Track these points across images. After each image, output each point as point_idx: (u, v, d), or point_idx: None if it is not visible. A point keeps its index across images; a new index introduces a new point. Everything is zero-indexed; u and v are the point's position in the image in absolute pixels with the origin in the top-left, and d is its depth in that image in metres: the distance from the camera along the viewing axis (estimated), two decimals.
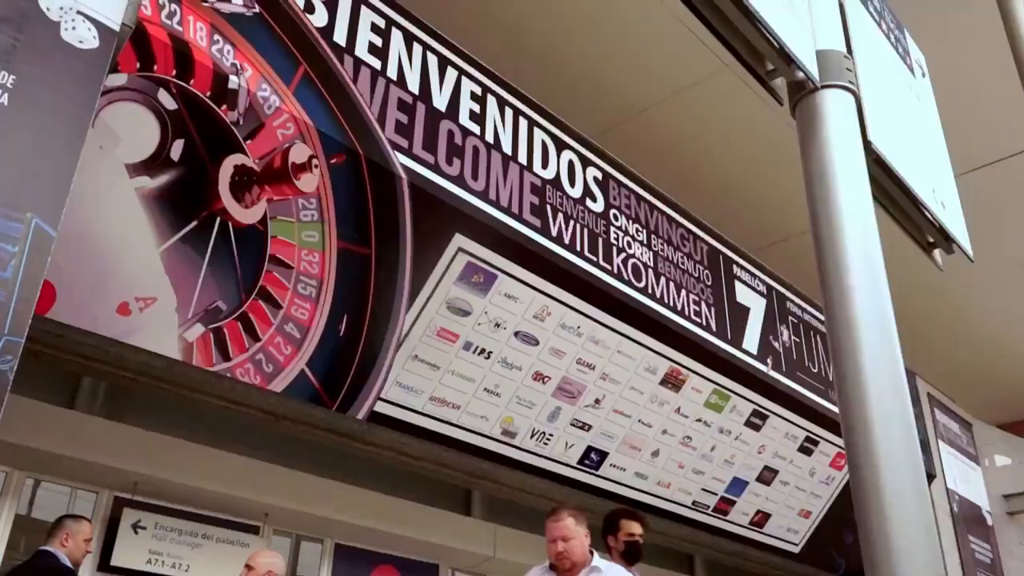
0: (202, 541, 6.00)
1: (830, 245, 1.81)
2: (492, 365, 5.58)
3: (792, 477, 8.06)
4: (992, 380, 12.40)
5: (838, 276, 1.80)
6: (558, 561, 3.34)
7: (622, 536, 4.18)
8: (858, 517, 1.77)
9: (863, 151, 1.89)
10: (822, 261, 1.82)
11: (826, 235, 1.81)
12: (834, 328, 1.83)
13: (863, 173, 1.85)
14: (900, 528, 1.71)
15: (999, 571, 10.30)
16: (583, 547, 3.35)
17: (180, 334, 4.09)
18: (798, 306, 7.94)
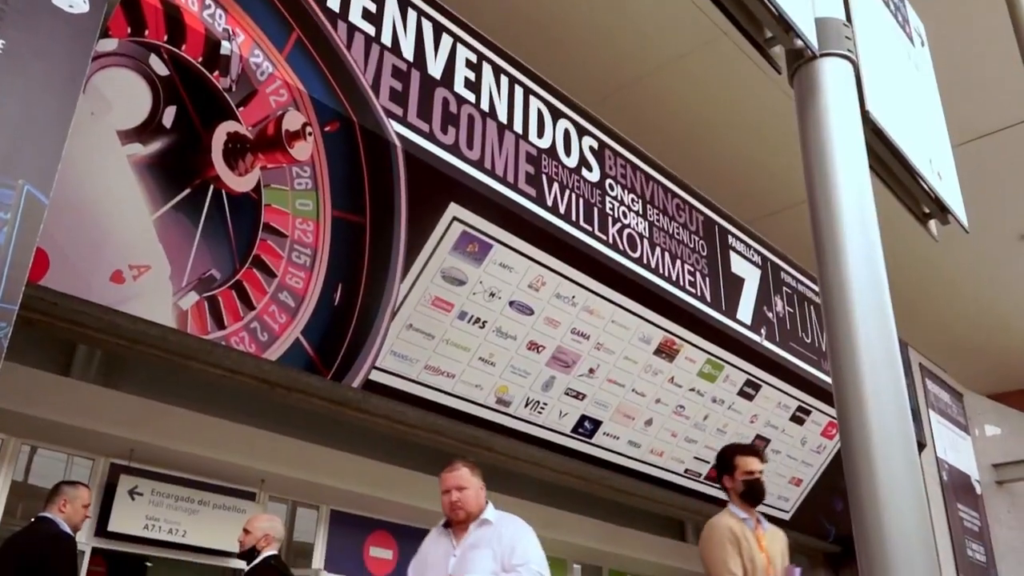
0: (199, 507, 6.05)
1: (826, 215, 1.80)
2: (487, 334, 5.59)
3: (784, 446, 8.14)
4: (984, 351, 12.48)
5: (833, 246, 1.80)
6: (452, 511, 3.26)
7: (739, 475, 3.81)
8: (849, 485, 1.78)
9: (861, 121, 1.88)
10: (818, 231, 1.82)
11: (822, 205, 1.81)
12: (828, 298, 1.84)
13: (860, 143, 1.84)
14: (890, 496, 1.73)
15: (987, 539, 10.46)
16: (478, 498, 3.30)
17: (174, 302, 4.09)
18: (792, 277, 7.96)
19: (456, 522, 3.26)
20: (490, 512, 3.30)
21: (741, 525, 3.55)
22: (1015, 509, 11.28)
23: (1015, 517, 11.20)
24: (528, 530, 3.28)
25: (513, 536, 3.15)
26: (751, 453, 3.87)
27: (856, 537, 1.75)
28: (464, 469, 3.37)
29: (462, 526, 3.22)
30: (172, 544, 5.88)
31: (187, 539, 5.89)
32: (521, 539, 3.15)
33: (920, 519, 1.74)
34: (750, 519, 3.65)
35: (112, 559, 8.68)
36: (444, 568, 3.12)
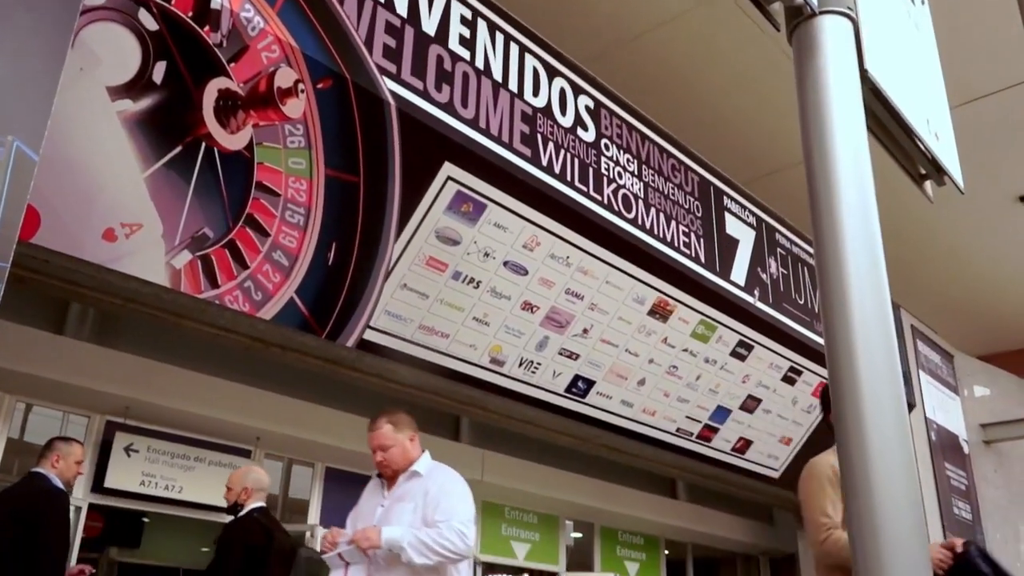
0: (194, 464, 6.10)
1: (822, 175, 1.80)
2: (481, 294, 5.59)
3: (775, 405, 8.22)
4: (976, 312, 12.56)
5: (829, 207, 1.79)
6: (381, 470, 3.22)
7: None
8: (839, 444, 1.80)
9: (859, 80, 1.86)
10: (813, 191, 1.82)
11: (819, 165, 1.80)
12: (823, 259, 1.84)
13: (858, 102, 1.83)
14: (879, 455, 1.75)
15: (973, 498, 10.64)
16: (404, 452, 3.20)
17: (167, 261, 4.07)
18: (787, 238, 7.96)
19: (386, 478, 3.23)
20: (422, 464, 3.21)
21: None
22: (1002, 468, 11.45)
23: (1001, 476, 11.38)
24: (457, 484, 3.14)
25: (440, 490, 3.03)
26: None
27: (846, 495, 1.77)
28: (386, 427, 3.26)
29: (394, 478, 3.19)
30: (168, 500, 5.94)
31: (183, 495, 5.95)
32: (448, 494, 3.03)
33: (908, 478, 1.76)
34: None
35: (109, 515, 8.78)
36: (372, 519, 3.04)
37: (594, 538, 9.52)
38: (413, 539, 2.79)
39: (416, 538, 2.79)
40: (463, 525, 2.84)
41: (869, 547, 1.67)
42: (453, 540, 2.81)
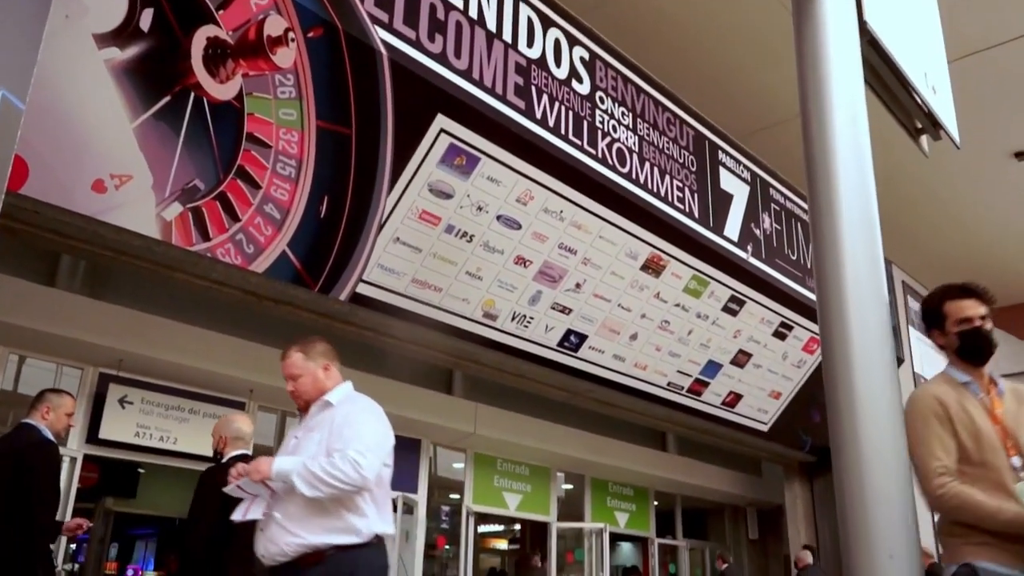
0: (188, 416, 6.14)
1: (819, 128, 1.78)
2: (474, 248, 5.58)
3: (765, 360, 8.29)
4: (968, 268, 12.59)
5: (824, 160, 1.79)
6: (294, 400, 3.05)
7: (951, 326, 2.77)
8: (828, 398, 1.82)
9: (858, 31, 1.84)
10: (809, 145, 1.80)
11: (815, 118, 1.78)
12: (817, 214, 1.83)
13: (857, 54, 1.81)
14: (867, 409, 1.77)
15: None
16: (316, 382, 2.99)
17: (158, 213, 4.04)
18: (781, 193, 7.94)
19: (299, 409, 3.06)
20: (336, 393, 3.00)
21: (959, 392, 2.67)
22: None
23: None
24: (365, 413, 2.92)
25: (344, 419, 2.82)
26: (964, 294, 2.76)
27: (833, 447, 1.79)
28: (296, 355, 3.05)
29: (307, 409, 3.01)
30: (163, 451, 5.99)
31: (178, 446, 6.00)
32: (353, 423, 2.80)
33: (895, 431, 1.79)
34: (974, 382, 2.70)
35: (104, 465, 8.85)
36: (285, 452, 2.87)
37: (585, 489, 9.66)
38: (303, 469, 2.60)
39: (306, 468, 2.60)
40: (358, 454, 2.59)
41: (856, 500, 1.70)
42: (344, 470, 2.57)
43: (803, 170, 1.87)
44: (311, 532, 2.61)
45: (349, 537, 2.64)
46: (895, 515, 1.66)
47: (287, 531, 2.63)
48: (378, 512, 2.76)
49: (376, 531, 2.71)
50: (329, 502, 2.64)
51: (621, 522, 9.95)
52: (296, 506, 2.64)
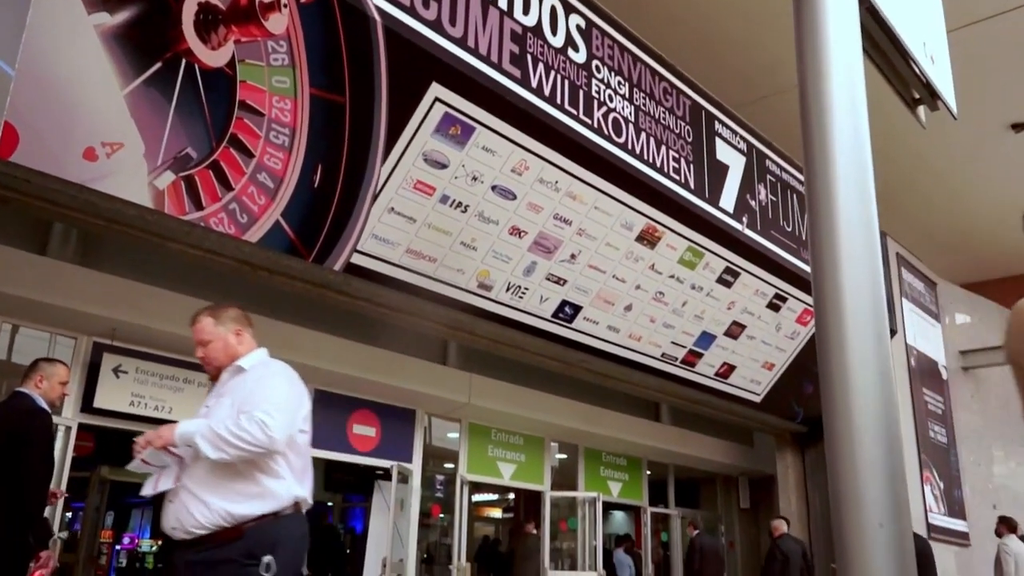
0: (183, 385, 6.14)
1: (816, 98, 1.77)
2: (469, 219, 5.56)
3: (759, 332, 8.32)
4: (961, 241, 12.63)
5: (822, 130, 1.77)
6: (204, 366, 2.93)
7: None
8: (821, 369, 1.83)
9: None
10: (806, 115, 1.79)
11: (812, 88, 1.77)
12: (813, 183, 1.82)
13: (855, 22, 1.79)
14: (860, 381, 1.77)
15: (949, 422, 10.90)
16: (227, 347, 2.87)
17: (150, 181, 4.01)
18: (777, 164, 7.91)
19: (213, 377, 2.92)
20: (249, 359, 2.87)
21: None
22: (978, 394, 11.71)
23: (977, 401, 11.65)
24: (276, 376, 2.79)
25: (255, 382, 2.71)
26: None
27: (825, 418, 1.80)
28: (206, 320, 2.90)
29: (218, 376, 2.89)
30: (158, 420, 6.00)
31: (173, 415, 6.01)
32: (262, 386, 2.68)
33: (887, 402, 1.79)
34: None
35: (99, 434, 8.88)
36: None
37: (578, 459, 9.73)
38: (207, 431, 2.48)
39: (211, 430, 2.48)
40: (266, 415, 2.47)
41: (847, 470, 1.71)
42: (251, 431, 2.44)
43: (800, 141, 1.86)
44: (224, 498, 2.50)
45: (266, 503, 2.54)
46: (886, 485, 1.67)
47: (198, 499, 2.52)
48: (295, 478, 2.64)
49: (295, 494, 2.61)
50: (243, 466, 2.53)
51: (614, 491, 10.04)
52: (206, 472, 2.53)
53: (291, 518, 2.59)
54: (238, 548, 2.46)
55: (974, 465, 11.13)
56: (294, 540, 2.59)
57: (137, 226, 4.34)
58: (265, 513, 2.52)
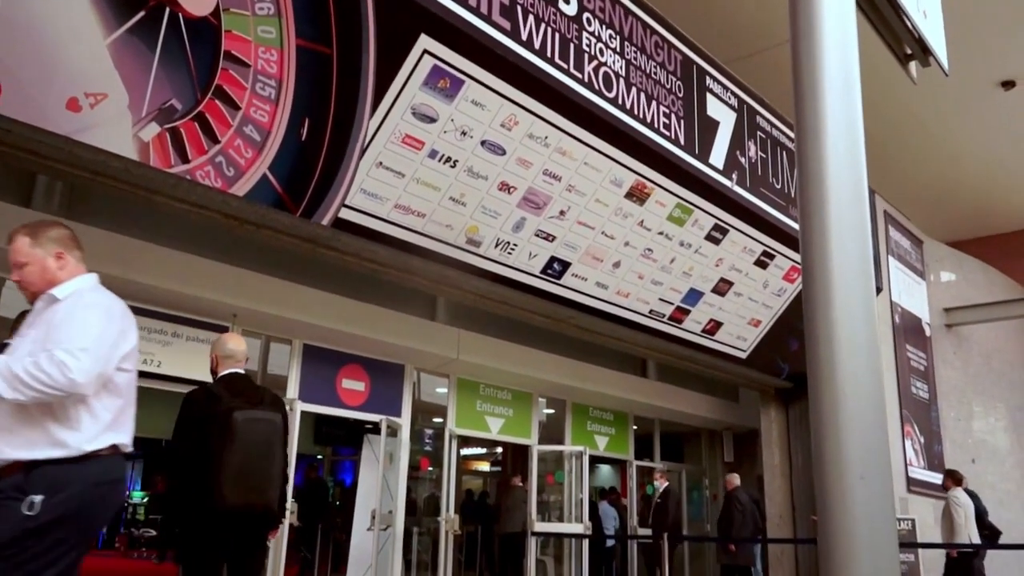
0: (172, 339, 6.14)
1: (808, 53, 1.76)
2: (458, 174, 5.53)
3: (746, 289, 8.37)
4: (949, 199, 12.68)
5: (813, 84, 1.77)
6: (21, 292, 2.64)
7: None
8: (807, 325, 1.85)
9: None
10: (798, 69, 1.78)
11: (805, 42, 1.76)
12: (803, 139, 1.82)
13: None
14: (845, 336, 1.79)
15: (931, 378, 11.06)
16: (44, 272, 2.55)
17: (135, 133, 3.96)
18: (768, 121, 7.88)
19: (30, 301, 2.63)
20: (65, 288, 2.53)
21: None
22: (960, 350, 11.87)
23: (959, 358, 11.81)
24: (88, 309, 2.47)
25: (65, 315, 2.42)
26: None
27: (810, 374, 1.83)
28: (22, 239, 2.56)
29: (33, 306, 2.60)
30: (147, 374, 6.01)
31: (162, 369, 6.02)
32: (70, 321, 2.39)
33: (871, 359, 1.82)
34: None
35: None
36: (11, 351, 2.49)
37: (566, 414, 9.83)
38: (5, 369, 2.25)
39: (8, 368, 2.25)
40: (69, 355, 2.24)
41: (830, 424, 1.74)
42: (50, 372, 2.22)
43: (791, 97, 1.85)
44: (9, 444, 2.30)
45: (53, 451, 2.31)
46: (868, 439, 1.71)
47: None
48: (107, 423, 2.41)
49: (87, 449, 2.34)
50: (36, 410, 2.31)
51: (600, 445, 10.17)
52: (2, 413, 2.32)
53: (91, 463, 2.36)
54: (11, 481, 2.29)
55: (954, 420, 11.33)
56: (87, 486, 2.34)
57: (122, 179, 4.30)
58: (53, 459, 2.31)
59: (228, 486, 2.75)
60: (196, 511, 2.81)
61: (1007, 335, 12.80)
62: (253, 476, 2.83)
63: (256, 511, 2.85)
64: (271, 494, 2.91)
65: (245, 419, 2.90)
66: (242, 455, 2.82)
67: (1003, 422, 12.16)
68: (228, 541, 2.85)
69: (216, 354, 3.28)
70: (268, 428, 2.96)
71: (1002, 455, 11.83)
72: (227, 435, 2.83)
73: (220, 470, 2.76)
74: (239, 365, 3.25)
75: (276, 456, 2.97)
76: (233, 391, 3.05)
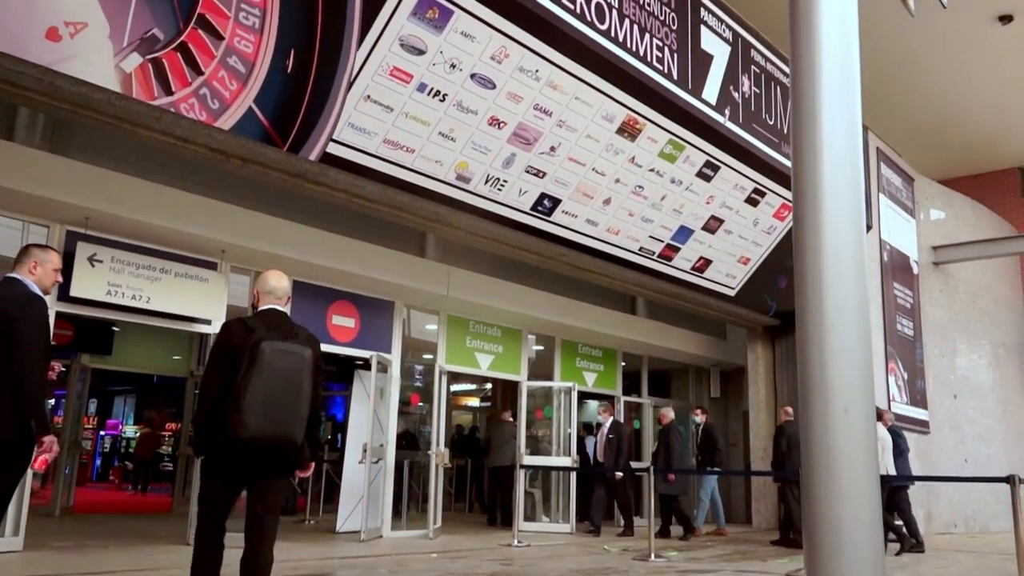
0: (160, 275, 6.11)
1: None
2: (447, 108, 5.45)
3: (736, 226, 8.37)
4: (941, 136, 12.62)
5: (809, 17, 1.73)
6: None
7: None
8: (796, 259, 1.85)
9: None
10: (795, 1, 1.75)
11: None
12: (798, 73, 1.80)
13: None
14: (834, 272, 1.80)
15: (917, 315, 11.17)
16: None
17: (116, 64, 3.87)
18: (762, 55, 7.77)
19: None
20: None
21: None
22: (947, 288, 11.97)
23: (945, 296, 11.91)
24: None
25: None
26: None
27: (798, 308, 1.84)
28: None
29: None
30: (136, 309, 6.00)
31: (151, 305, 6.00)
32: None
33: (859, 295, 1.83)
34: None
35: (78, 323, 8.88)
36: None
37: (555, 351, 9.91)
38: None
39: None
40: None
41: (816, 357, 1.76)
42: None
43: (787, 30, 1.82)
44: None
45: None
46: (853, 372, 1.73)
47: None
48: None
49: None
50: None
51: (589, 381, 10.28)
52: None
53: None
54: None
55: (938, 357, 11.49)
56: None
57: (105, 111, 4.22)
58: None
59: (250, 415, 2.74)
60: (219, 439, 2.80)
61: (995, 273, 12.89)
62: (277, 407, 2.81)
63: (278, 443, 2.84)
64: (295, 427, 2.89)
65: (273, 350, 2.88)
66: (267, 385, 2.80)
67: (986, 359, 12.34)
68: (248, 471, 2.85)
69: (258, 290, 3.27)
70: (296, 361, 2.94)
71: (984, 391, 12.04)
72: (254, 364, 2.82)
73: (243, 398, 2.75)
74: (279, 302, 3.22)
75: (303, 390, 2.95)
76: (268, 325, 3.04)
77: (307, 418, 3.01)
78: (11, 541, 5.27)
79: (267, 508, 2.96)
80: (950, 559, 7.14)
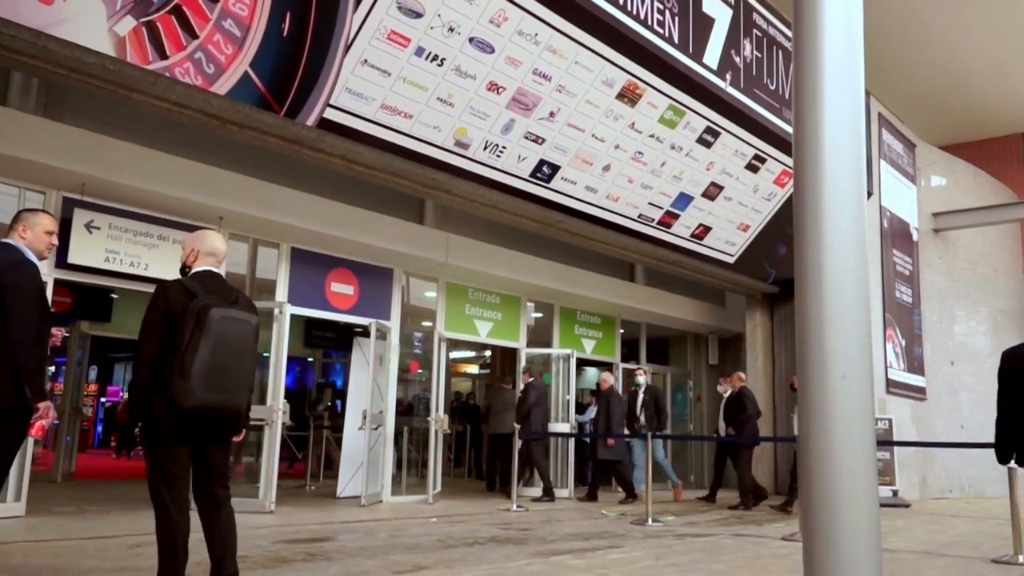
0: (158, 242, 6.10)
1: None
2: (445, 73, 5.39)
3: (736, 193, 8.33)
4: (943, 101, 12.52)
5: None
6: None
7: None
8: (796, 224, 1.84)
9: None
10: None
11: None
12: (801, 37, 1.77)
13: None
14: (835, 238, 1.79)
15: (916, 283, 11.17)
16: None
17: (110, 27, 3.82)
18: (764, 19, 7.67)
19: None
20: None
21: None
22: (946, 255, 11.95)
23: (945, 263, 11.90)
24: None
25: None
26: None
27: (797, 273, 1.83)
28: None
29: None
30: (134, 276, 5.99)
31: (149, 272, 5.99)
32: None
33: (858, 262, 1.82)
34: None
35: (76, 290, 8.88)
36: None
37: (554, 318, 9.92)
38: None
39: None
40: None
41: (814, 323, 1.76)
42: None
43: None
44: None
45: None
46: (850, 339, 1.73)
47: None
48: None
49: None
50: None
51: (588, 348, 10.31)
52: None
53: None
54: None
55: (936, 324, 11.51)
56: None
57: (99, 76, 4.17)
58: None
59: (197, 382, 2.70)
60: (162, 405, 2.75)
61: (994, 240, 12.87)
62: (224, 375, 2.77)
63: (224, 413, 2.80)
64: (241, 396, 2.86)
65: (221, 317, 2.81)
66: (215, 353, 2.76)
67: (984, 326, 12.37)
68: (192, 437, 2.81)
69: (196, 248, 3.13)
70: (244, 329, 2.89)
71: (981, 357, 12.08)
72: (201, 331, 2.75)
73: (191, 365, 2.70)
74: (217, 264, 3.14)
75: (249, 358, 2.92)
76: (208, 288, 2.94)
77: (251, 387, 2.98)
78: (13, 507, 5.32)
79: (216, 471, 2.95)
80: (944, 523, 7.22)
